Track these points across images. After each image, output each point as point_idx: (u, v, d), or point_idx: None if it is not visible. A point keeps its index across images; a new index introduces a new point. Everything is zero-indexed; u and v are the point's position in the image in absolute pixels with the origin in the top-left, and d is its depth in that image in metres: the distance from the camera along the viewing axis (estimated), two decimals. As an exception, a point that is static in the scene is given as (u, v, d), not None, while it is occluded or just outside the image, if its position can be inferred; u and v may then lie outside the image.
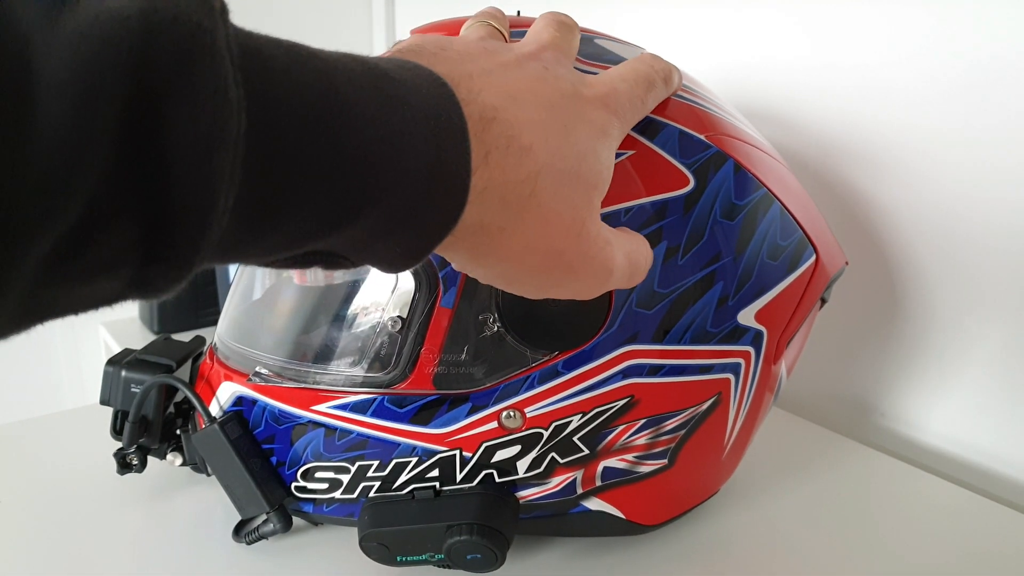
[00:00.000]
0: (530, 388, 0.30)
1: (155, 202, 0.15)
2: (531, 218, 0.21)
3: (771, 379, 0.35)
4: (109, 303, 0.17)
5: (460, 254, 0.22)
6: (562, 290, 0.24)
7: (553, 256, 0.23)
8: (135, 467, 0.39)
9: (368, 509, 0.33)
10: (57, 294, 0.15)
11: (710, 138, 0.32)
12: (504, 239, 0.21)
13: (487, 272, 0.23)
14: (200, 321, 0.82)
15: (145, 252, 0.15)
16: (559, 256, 0.23)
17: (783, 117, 0.53)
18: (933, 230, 0.46)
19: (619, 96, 0.26)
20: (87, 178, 0.13)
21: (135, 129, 0.14)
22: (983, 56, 0.43)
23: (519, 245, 0.22)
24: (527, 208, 0.21)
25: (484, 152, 0.20)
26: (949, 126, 0.45)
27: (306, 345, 0.34)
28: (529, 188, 0.21)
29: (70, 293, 0.15)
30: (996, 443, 0.45)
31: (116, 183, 0.14)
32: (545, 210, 0.22)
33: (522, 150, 0.21)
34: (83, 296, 0.16)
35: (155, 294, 0.17)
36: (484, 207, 0.20)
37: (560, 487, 0.33)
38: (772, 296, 0.32)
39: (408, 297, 0.30)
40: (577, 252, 0.23)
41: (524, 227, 0.21)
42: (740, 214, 0.31)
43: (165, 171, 0.14)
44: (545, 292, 0.24)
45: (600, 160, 0.24)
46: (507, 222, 0.21)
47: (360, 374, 0.32)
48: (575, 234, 0.23)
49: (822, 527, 0.39)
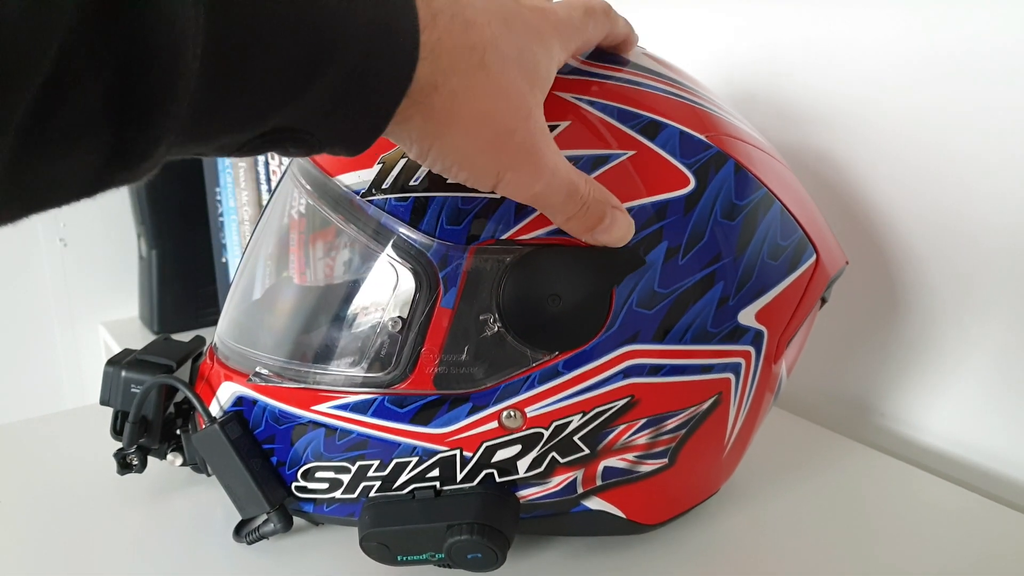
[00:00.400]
0: (530, 388, 0.30)
1: (124, 49, 0.15)
2: (481, 86, 0.22)
3: (771, 379, 0.35)
4: (92, 187, 0.17)
5: (416, 124, 0.22)
6: (512, 176, 0.24)
7: (505, 134, 0.23)
8: (135, 467, 0.39)
9: (368, 509, 0.33)
10: (38, 166, 0.15)
11: (710, 138, 0.32)
12: (457, 105, 0.22)
13: (443, 148, 0.23)
14: (200, 321, 0.82)
15: (119, 111, 0.15)
16: (510, 135, 0.23)
17: (782, 116, 0.53)
18: (933, 230, 0.46)
19: (556, 10, 0.27)
20: (56, 25, 0.14)
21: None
22: (985, 55, 0.43)
23: (471, 112, 0.22)
24: (477, 75, 0.22)
25: (432, 14, 0.21)
26: (949, 125, 0.45)
27: (306, 345, 0.34)
28: (478, 57, 0.22)
29: (51, 166, 0.15)
30: (996, 443, 0.45)
31: (84, 30, 0.14)
32: (494, 82, 0.23)
33: (468, 23, 0.22)
34: (65, 173, 0.16)
35: (135, 165, 0.17)
36: (436, 65, 0.21)
37: (560, 487, 0.33)
38: (772, 296, 0.32)
39: (408, 297, 0.30)
40: (527, 134, 0.24)
41: (476, 93, 0.22)
42: (741, 214, 0.31)
43: (132, 18, 0.15)
44: (496, 177, 0.24)
45: (537, 58, 0.25)
46: (459, 85, 0.22)
47: (360, 374, 0.32)
48: (523, 117, 0.24)
49: (822, 527, 0.39)
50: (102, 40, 0.15)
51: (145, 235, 0.83)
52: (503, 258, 0.29)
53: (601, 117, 0.30)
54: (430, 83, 0.21)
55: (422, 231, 0.29)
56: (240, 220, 0.76)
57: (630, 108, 0.30)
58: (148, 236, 0.82)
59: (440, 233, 0.29)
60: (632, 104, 0.31)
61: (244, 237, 0.76)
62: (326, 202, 0.32)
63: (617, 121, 0.30)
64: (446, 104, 0.22)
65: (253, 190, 0.75)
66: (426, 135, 0.23)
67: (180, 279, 0.83)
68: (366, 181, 0.31)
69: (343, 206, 0.31)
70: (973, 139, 0.44)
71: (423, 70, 0.21)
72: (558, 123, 0.29)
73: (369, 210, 0.30)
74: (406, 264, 0.30)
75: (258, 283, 0.39)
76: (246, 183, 0.75)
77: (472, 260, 0.29)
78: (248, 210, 0.75)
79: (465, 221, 0.29)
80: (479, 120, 0.23)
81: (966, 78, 0.43)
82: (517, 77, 0.24)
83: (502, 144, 0.24)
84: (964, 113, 0.44)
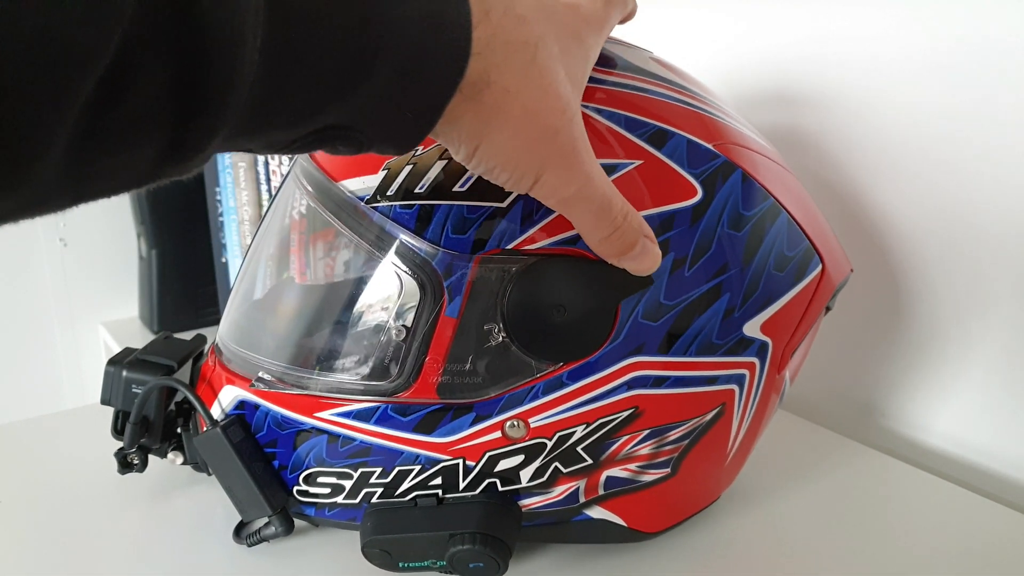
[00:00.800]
0: (535, 399, 0.30)
1: (186, 40, 0.15)
2: (533, 83, 0.22)
3: (775, 388, 0.35)
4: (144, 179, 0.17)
5: (465, 122, 0.22)
6: (550, 176, 0.24)
7: (549, 133, 0.23)
8: (136, 467, 0.39)
9: (371, 515, 0.33)
10: (95, 158, 0.15)
11: (718, 147, 0.31)
12: (508, 101, 0.22)
13: (490, 147, 0.23)
14: (200, 321, 0.82)
15: (178, 104, 0.15)
16: (554, 135, 0.23)
17: (786, 120, 0.53)
18: (936, 233, 0.46)
19: (582, 4, 0.26)
20: (118, 16, 0.14)
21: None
22: (988, 59, 0.42)
23: (520, 109, 0.22)
24: (529, 72, 0.22)
25: (484, 9, 0.21)
26: (952, 129, 0.45)
27: (309, 351, 0.34)
28: (531, 53, 0.22)
29: (108, 158, 0.15)
30: (1000, 445, 0.45)
31: (146, 21, 0.14)
32: (545, 80, 0.22)
33: (519, 18, 0.22)
34: (120, 165, 0.16)
35: (188, 159, 0.17)
36: (489, 60, 0.21)
37: (563, 496, 0.33)
38: (778, 307, 0.32)
39: (412, 306, 0.30)
40: (568, 136, 0.23)
41: (526, 90, 0.22)
42: (747, 225, 0.31)
43: (195, 8, 0.15)
44: (535, 178, 0.24)
45: (576, 58, 0.25)
46: (511, 82, 0.21)
47: (363, 382, 0.32)
48: (568, 118, 0.23)
49: (826, 529, 0.39)
50: (164, 32, 0.15)
51: (145, 235, 0.83)
52: (509, 268, 0.29)
53: (608, 125, 0.30)
54: (482, 79, 0.21)
55: (427, 239, 0.29)
56: (240, 220, 0.75)
57: (637, 116, 0.30)
58: (148, 236, 0.82)
59: (445, 242, 0.29)
60: (639, 112, 0.30)
61: (244, 237, 0.75)
62: (329, 207, 0.32)
63: (624, 130, 0.30)
64: (497, 101, 0.21)
65: (253, 190, 0.75)
66: (474, 134, 0.22)
67: (180, 279, 0.83)
68: (371, 187, 0.30)
69: (347, 211, 0.31)
70: (976, 143, 0.44)
71: (475, 66, 0.21)
72: (565, 132, 0.29)
73: (373, 217, 0.30)
74: (410, 272, 0.30)
75: (260, 286, 0.39)
76: (246, 183, 0.74)
77: (477, 269, 0.29)
78: (248, 210, 0.75)
79: (471, 230, 0.29)
80: (527, 118, 0.22)
81: (968, 83, 0.43)
82: (563, 76, 0.23)
83: (546, 143, 0.23)
84: (967, 118, 0.44)
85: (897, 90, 0.47)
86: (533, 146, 0.23)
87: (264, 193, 0.74)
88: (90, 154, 0.15)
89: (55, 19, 0.13)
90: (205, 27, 0.15)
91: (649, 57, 0.35)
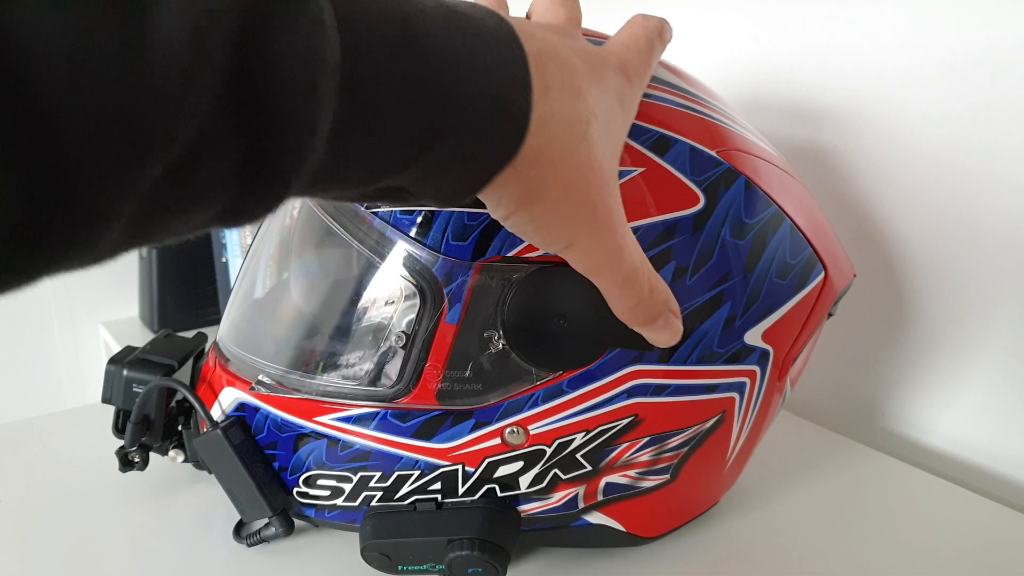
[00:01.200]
0: (534, 406, 0.30)
1: (260, 124, 0.15)
2: (580, 159, 0.22)
3: (776, 395, 0.35)
4: (194, 231, 0.17)
5: (510, 189, 0.22)
6: (581, 245, 0.24)
7: (587, 207, 0.23)
8: (137, 465, 0.39)
9: (370, 519, 0.33)
10: (155, 224, 0.15)
11: (721, 153, 0.31)
12: (553, 175, 0.22)
13: (530, 214, 0.23)
14: (200, 321, 0.82)
15: (243, 180, 0.16)
16: (592, 208, 0.23)
17: (788, 123, 0.53)
18: (938, 236, 0.46)
19: (633, 63, 0.26)
20: (200, 100, 0.14)
21: (244, 52, 0.14)
22: (991, 63, 0.42)
23: (565, 183, 0.22)
24: (579, 148, 0.22)
25: (544, 86, 0.21)
26: (954, 132, 0.44)
27: (309, 356, 0.34)
28: (582, 129, 0.22)
29: (170, 220, 0.16)
30: (1002, 445, 0.45)
31: (226, 106, 0.14)
32: (591, 155, 0.23)
33: (577, 92, 0.22)
34: (179, 224, 0.16)
35: (245, 222, 0.17)
36: (543, 139, 0.21)
37: (562, 502, 0.32)
38: (780, 315, 0.32)
39: (413, 313, 0.30)
40: (605, 209, 0.24)
41: (573, 166, 0.22)
42: (750, 233, 0.31)
43: (271, 95, 0.15)
44: (567, 244, 0.24)
45: (619, 125, 0.25)
46: (559, 157, 0.22)
47: (363, 388, 0.32)
48: (608, 192, 0.24)
49: (827, 530, 0.39)
50: (240, 118, 0.15)
51: (146, 233, 0.82)
52: (509, 275, 0.29)
53: (611, 132, 0.30)
54: (534, 155, 0.21)
55: (427, 246, 0.29)
56: (242, 217, 0.75)
57: (640, 122, 0.30)
58: (149, 234, 0.82)
59: (446, 249, 0.29)
60: (642, 118, 0.30)
61: (244, 237, 0.75)
62: (330, 212, 0.32)
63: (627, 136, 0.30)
64: (544, 174, 0.22)
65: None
66: (517, 200, 0.22)
67: (180, 279, 0.83)
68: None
69: (347, 217, 0.31)
70: (979, 146, 0.43)
71: (531, 141, 0.21)
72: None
73: (374, 223, 0.30)
74: (411, 279, 0.30)
75: (260, 288, 0.39)
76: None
77: (477, 277, 0.29)
78: (250, 207, 0.75)
79: (471, 237, 0.29)
80: (568, 192, 0.22)
81: (970, 86, 0.43)
82: (608, 149, 0.23)
83: (584, 215, 0.23)
84: (969, 120, 0.44)
85: (902, 96, 0.46)
86: (570, 217, 0.23)
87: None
88: (152, 225, 0.15)
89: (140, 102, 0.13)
90: (280, 116, 0.15)
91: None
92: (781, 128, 0.53)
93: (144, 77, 0.13)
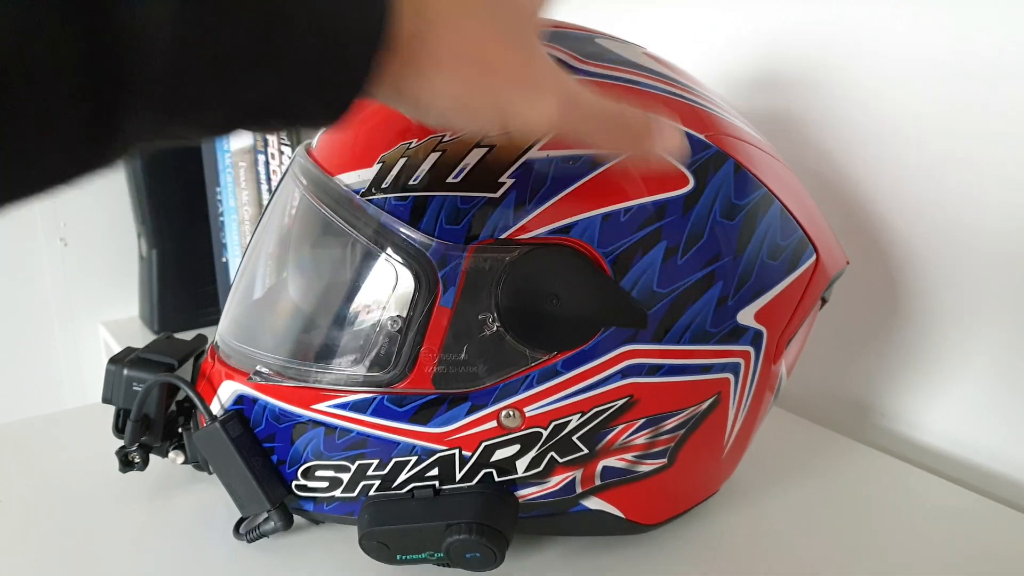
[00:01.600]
0: (529, 387, 0.30)
1: (98, 39, 0.15)
2: (465, 23, 0.21)
3: (771, 379, 0.35)
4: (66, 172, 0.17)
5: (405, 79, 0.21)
6: (518, 108, 0.23)
7: (494, 65, 0.22)
8: (137, 465, 0.39)
9: (368, 508, 0.33)
10: (6, 156, 0.15)
11: (710, 138, 0.32)
12: (442, 49, 0.21)
13: (433, 93, 0.22)
14: (200, 321, 0.82)
15: (91, 77, 0.16)
16: (505, 68, 0.22)
17: (782, 116, 0.53)
18: (933, 230, 0.46)
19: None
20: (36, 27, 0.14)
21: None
22: (987, 55, 0.43)
23: (455, 51, 0.21)
24: (460, 14, 0.21)
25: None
26: (950, 126, 0.45)
27: (306, 344, 0.34)
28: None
29: (21, 154, 0.16)
30: (996, 443, 0.45)
31: (58, 21, 0.15)
32: (477, 17, 0.22)
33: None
34: (35, 159, 0.16)
35: (109, 136, 0.17)
36: (420, 18, 0.20)
37: (559, 486, 0.33)
38: (772, 296, 0.32)
39: (408, 297, 0.30)
40: (518, 61, 0.23)
41: (461, 32, 0.21)
42: (740, 214, 0.31)
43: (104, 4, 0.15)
44: (499, 114, 0.23)
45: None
46: (444, 28, 0.21)
47: (360, 373, 0.32)
48: (516, 47, 0.23)
49: (821, 526, 0.39)
50: (74, 25, 0.15)
51: (145, 235, 0.83)
52: (502, 257, 0.29)
53: (601, 117, 0.30)
54: (413, 34, 0.21)
55: (421, 230, 0.30)
56: (240, 220, 0.76)
57: (630, 108, 0.30)
58: (148, 236, 0.82)
59: (439, 232, 0.29)
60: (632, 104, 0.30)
61: (244, 237, 0.76)
62: (326, 201, 0.32)
63: (616, 121, 0.30)
64: (432, 51, 0.21)
65: (253, 190, 0.75)
66: (413, 88, 0.22)
67: (180, 279, 0.83)
68: (366, 180, 0.31)
69: (343, 205, 0.31)
70: (974, 140, 0.44)
71: (404, 23, 0.20)
72: (557, 123, 0.29)
73: (369, 209, 0.31)
74: (405, 263, 0.30)
75: (259, 282, 0.39)
76: (246, 183, 0.75)
77: (471, 259, 0.29)
78: (248, 210, 0.75)
79: (464, 220, 0.29)
80: (464, 57, 0.22)
81: (967, 78, 0.43)
82: (499, 11, 0.22)
83: (495, 77, 0.22)
84: (965, 113, 0.44)
85: (897, 84, 0.47)
86: (480, 85, 0.22)
87: (264, 193, 0.74)
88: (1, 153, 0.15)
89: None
90: (116, 20, 0.15)
91: (642, 52, 0.35)
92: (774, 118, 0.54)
93: None
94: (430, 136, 0.30)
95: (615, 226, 0.29)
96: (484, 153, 0.29)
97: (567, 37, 0.33)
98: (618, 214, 0.29)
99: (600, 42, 0.34)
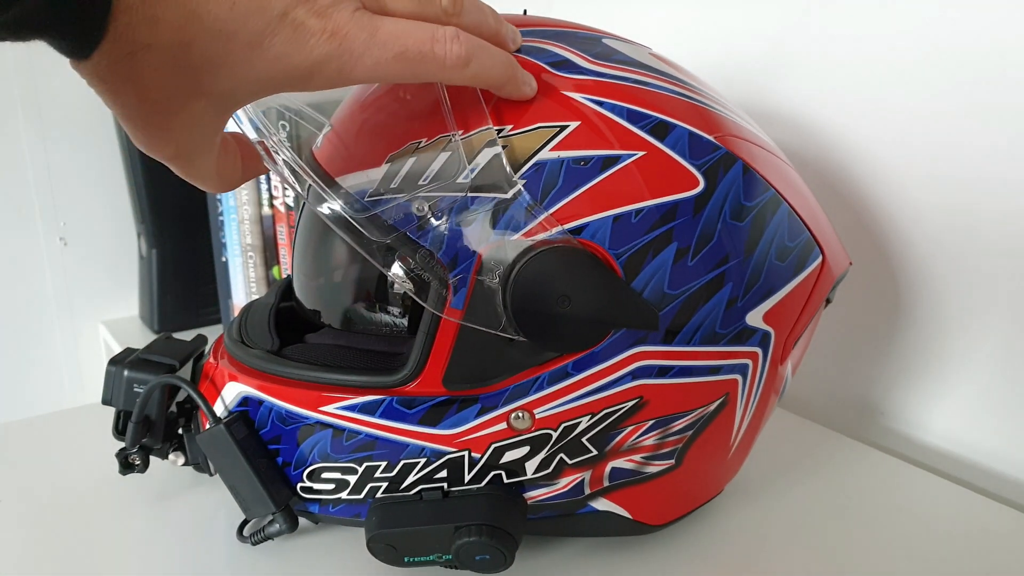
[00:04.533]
0: (539, 389, 0.30)
1: None
2: None
3: (777, 379, 0.35)
4: None
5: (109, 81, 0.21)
6: (333, 66, 0.22)
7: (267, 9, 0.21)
8: (137, 467, 0.38)
9: (376, 510, 0.33)
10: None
11: (719, 139, 0.32)
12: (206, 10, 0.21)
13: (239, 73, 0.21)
14: (200, 320, 0.82)
15: None
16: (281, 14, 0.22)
17: (785, 116, 0.53)
18: (936, 231, 0.47)
19: None
20: None
21: None
22: (989, 55, 0.43)
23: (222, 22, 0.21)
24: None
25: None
26: (953, 125, 0.45)
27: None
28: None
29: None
30: (998, 443, 0.46)
31: None
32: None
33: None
34: None
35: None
36: None
37: (568, 487, 0.33)
38: (780, 297, 0.32)
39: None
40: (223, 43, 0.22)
41: None
42: (749, 215, 0.31)
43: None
44: (309, 69, 0.22)
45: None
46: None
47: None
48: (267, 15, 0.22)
49: (825, 526, 0.39)
50: None
51: (145, 235, 0.83)
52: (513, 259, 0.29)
53: (610, 118, 0.30)
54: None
55: (432, 232, 0.29)
56: (240, 220, 0.75)
57: (639, 108, 0.30)
58: (148, 236, 0.82)
59: (450, 234, 0.29)
60: (641, 104, 0.30)
61: (244, 237, 0.75)
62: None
63: (627, 122, 0.30)
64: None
65: (253, 190, 0.75)
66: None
67: (180, 279, 0.83)
68: (374, 181, 0.31)
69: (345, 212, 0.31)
70: (977, 139, 0.44)
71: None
72: (567, 124, 0.29)
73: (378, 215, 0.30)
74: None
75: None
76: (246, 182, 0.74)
77: (482, 261, 0.29)
78: (248, 210, 0.75)
79: (475, 222, 0.29)
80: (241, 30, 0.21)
81: (969, 77, 0.44)
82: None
83: (273, 23, 0.22)
84: (968, 113, 0.44)
85: (900, 85, 0.47)
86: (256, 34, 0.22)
87: (264, 192, 0.74)
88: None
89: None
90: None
91: (649, 53, 0.35)
92: (777, 119, 0.54)
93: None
94: (439, 136, 0.30)
95: (626, 227, 0.29)
96: (495, 153, 0.29)
97: (575, 37, 0.33)
98: (629, 215, 0.29)
99: (607, 42, 0.34)
